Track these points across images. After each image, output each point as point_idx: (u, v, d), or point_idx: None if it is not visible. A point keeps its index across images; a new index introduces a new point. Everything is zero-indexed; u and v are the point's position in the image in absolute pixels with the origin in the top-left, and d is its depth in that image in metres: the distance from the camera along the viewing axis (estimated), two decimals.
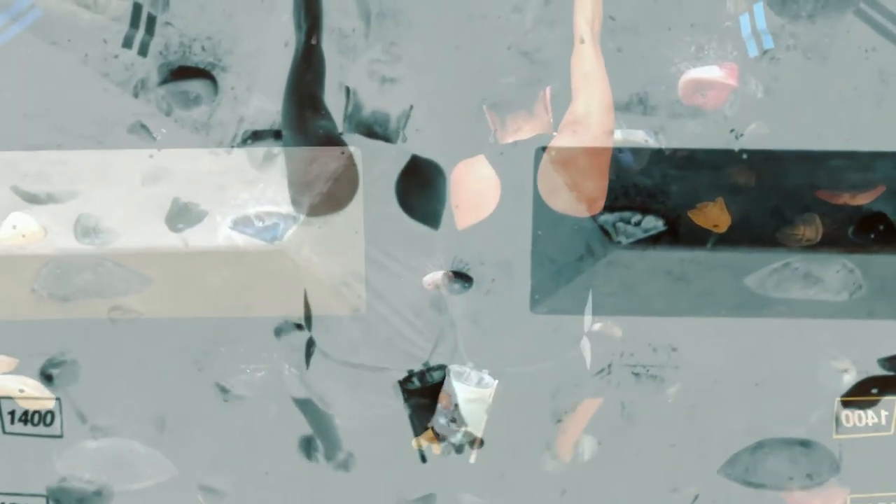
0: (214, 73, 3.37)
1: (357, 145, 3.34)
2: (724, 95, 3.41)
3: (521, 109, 3.40)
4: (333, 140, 3.30)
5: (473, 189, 3.40)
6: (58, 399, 3.46)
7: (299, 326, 3.44)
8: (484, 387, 3.40)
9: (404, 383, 3.43)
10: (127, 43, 3.25)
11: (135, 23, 3.26)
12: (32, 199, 3.25)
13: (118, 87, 3.27)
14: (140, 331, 3.41)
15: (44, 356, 3.47)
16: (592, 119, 3.30)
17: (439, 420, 3.42)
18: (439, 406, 3.42)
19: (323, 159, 3.24)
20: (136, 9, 3.27)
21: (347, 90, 3.37)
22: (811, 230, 3.36)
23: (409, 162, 3.38)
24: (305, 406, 3.49)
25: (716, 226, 3.38)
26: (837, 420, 3.51)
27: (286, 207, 3.24)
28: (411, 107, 3.32)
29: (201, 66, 3.37)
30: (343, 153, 3.24)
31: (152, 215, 3.26)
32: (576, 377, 3.54)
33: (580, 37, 3.35)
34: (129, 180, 3.30)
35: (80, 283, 3.28)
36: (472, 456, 3.46)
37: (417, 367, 3.42)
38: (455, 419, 3.42)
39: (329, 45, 3.38)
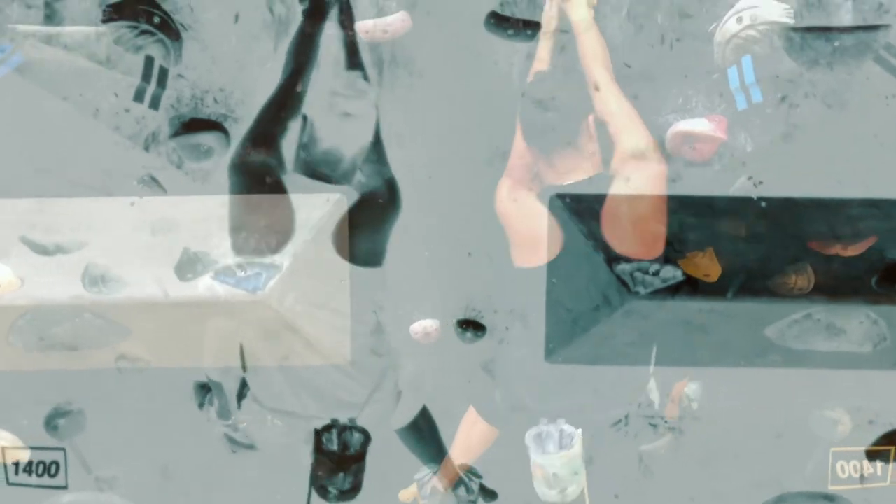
0: (226, 124, 3.39)
1: (300, 186, 3.29)
2: (713, 148, 3.35)
3: (567, 146, 3.35)
4: (274, 181, 3.24)
5: (526, 226, 3.36)
6: (62, 449, 3.46)
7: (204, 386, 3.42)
8: (568, 443, 3.34)
9: (321, 433, 3.33)
10: (138, 96, 3.27)
11: (147, 76, 3.27)
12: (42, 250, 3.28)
13: (129, 141, 3.29)
14: (146, 381, 3.40)
15: (48, 405, 3.47)
16: (648, 155, 3.27)
17: (545, 491, 3.37)
18: (537, 478, 3.36)
19: (307, 207, 3.19)
20: (149, 62, 3.29)
21: (304, 118, 3.34)
22: (803, 279, 3.29)
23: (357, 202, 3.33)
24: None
25: (706, 275, 3.32)
26: (832, 470, 3.43)
27: (269, 256, 3.21)
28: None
29: (213, 118, 3.38)
30: (328, 200, 3.19)
31: (154, 265, 3.25)
32: (591, 428, 3.49)
33: (595, 83, 3.31)
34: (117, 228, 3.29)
35: (58, 334, 3.26)
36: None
37: (344, 418, 3.35)
38: (561, 487, 3.36)
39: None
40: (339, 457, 3.30)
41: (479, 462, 3.53)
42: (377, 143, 3.42)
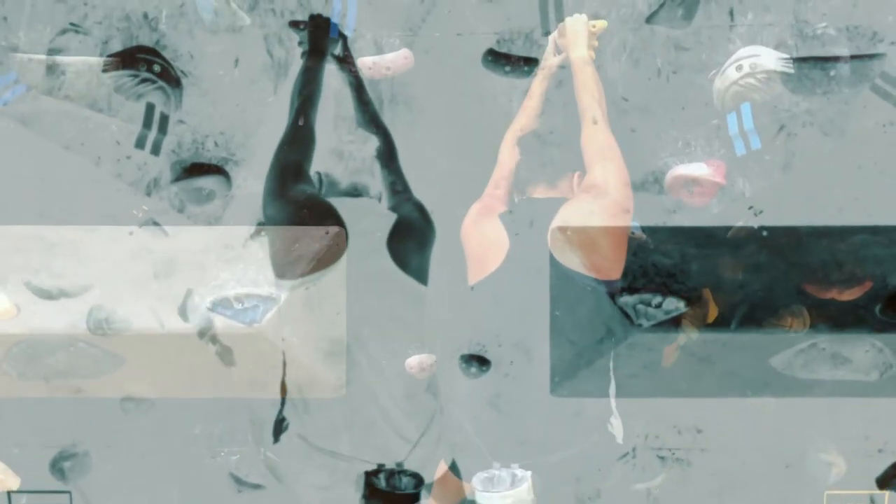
0: (227, 167, 3.42)
1: (342, 207, 3.27)
2: (711, 192, 3.37)
3: (543, 181, 3.38)
4: (316, 202, 3.23)
5: (478, 243, 3.37)
6: (68, 492, 3.46)
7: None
8: (519, 484, 3.17)
9: (370, 476, 3.24)
10: (139, 143, 3.32)
11: (147, 123, 3.32)
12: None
13: (131, 188, 3.33)
14: (152, 419, 3.42)
15: (55, 448, 3.49)
16: (611, 187, 3.26)
17: None
18: None
19: (307, 239, 3.17)
20: (149, 109, 3.33)
21: (319, 175, 3.37)
22: (799, 322, 3.29)
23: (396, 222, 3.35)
24: None
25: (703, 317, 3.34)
26: None
27: (266, 289, 3.20)
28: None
29: (214, 162, 3.42)
30: (328, 233, 3.18)
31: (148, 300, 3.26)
32: (599, 461, 3.47)
33: (591, 118, 3.33)
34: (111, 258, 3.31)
35: (53, 363, 3.28)
36: None
37: (392, 462, 3.27)
38: None
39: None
40: (393, 499, 3.21)
41: None
42: (398, 173, 3.45)
